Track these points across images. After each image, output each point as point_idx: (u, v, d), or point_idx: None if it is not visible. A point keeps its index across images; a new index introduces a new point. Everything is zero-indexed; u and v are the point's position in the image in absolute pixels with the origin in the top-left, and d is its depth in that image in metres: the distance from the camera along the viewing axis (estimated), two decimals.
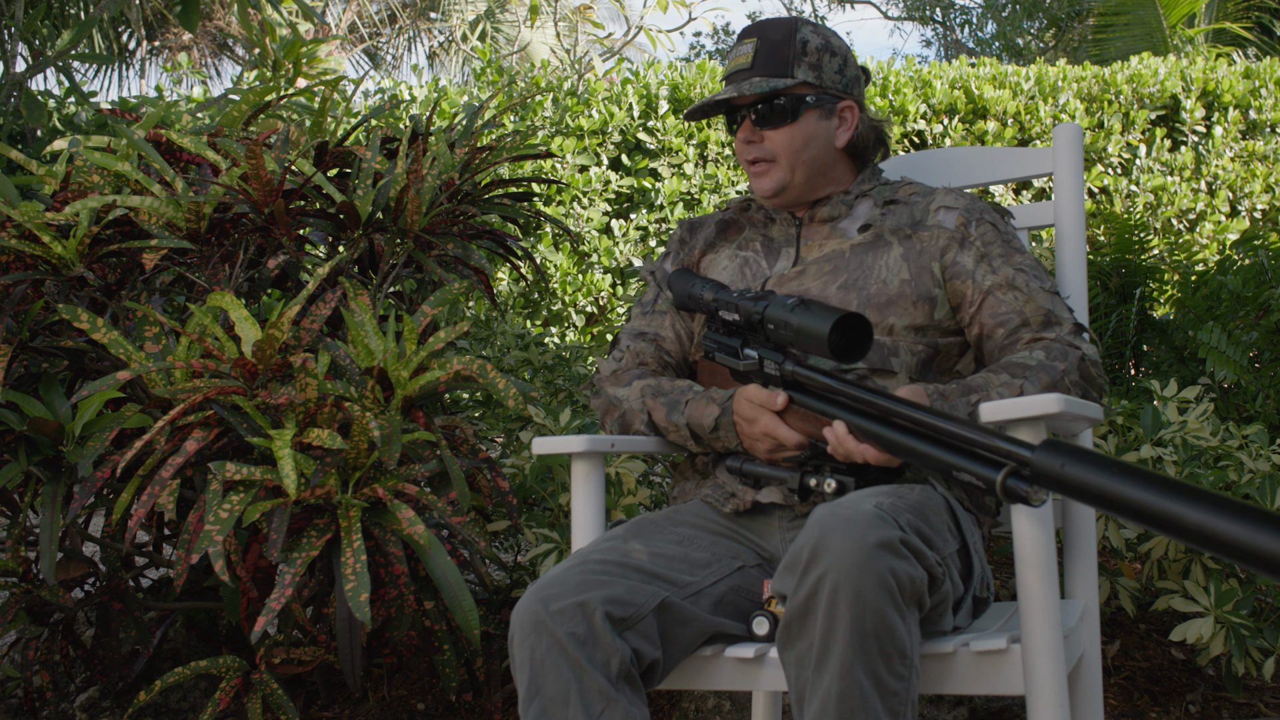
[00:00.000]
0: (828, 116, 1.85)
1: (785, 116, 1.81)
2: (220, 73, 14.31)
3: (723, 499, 1.78)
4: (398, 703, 2.58)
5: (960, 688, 1.49)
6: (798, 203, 1.89)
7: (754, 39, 1.83)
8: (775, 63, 1.81)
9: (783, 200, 1.88)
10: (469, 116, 2.86)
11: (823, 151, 1.85)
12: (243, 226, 2.42)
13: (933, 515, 1.55)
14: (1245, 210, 6.49)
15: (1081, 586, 1.80)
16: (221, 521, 1.92)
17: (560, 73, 7.87)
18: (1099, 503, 1.10)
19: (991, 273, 1.75)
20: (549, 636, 1.48)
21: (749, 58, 1.82)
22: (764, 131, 1.83)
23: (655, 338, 1.92)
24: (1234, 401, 2.82)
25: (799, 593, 1.40)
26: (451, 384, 2.22)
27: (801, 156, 1.83)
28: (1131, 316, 3.10)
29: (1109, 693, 2.39)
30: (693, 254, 1.95)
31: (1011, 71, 6.78)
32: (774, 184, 1.85)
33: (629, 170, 5.93)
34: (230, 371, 2.10)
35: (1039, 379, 1.62)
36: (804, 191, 1.87)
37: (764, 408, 1.65)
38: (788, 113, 1.81)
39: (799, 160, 1.83)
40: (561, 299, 5.37)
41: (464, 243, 2.62)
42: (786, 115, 1.81)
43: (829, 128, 1.85)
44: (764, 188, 1.85)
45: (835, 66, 1.84)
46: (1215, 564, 2.23)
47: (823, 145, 1.85)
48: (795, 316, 1.55)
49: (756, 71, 1.81)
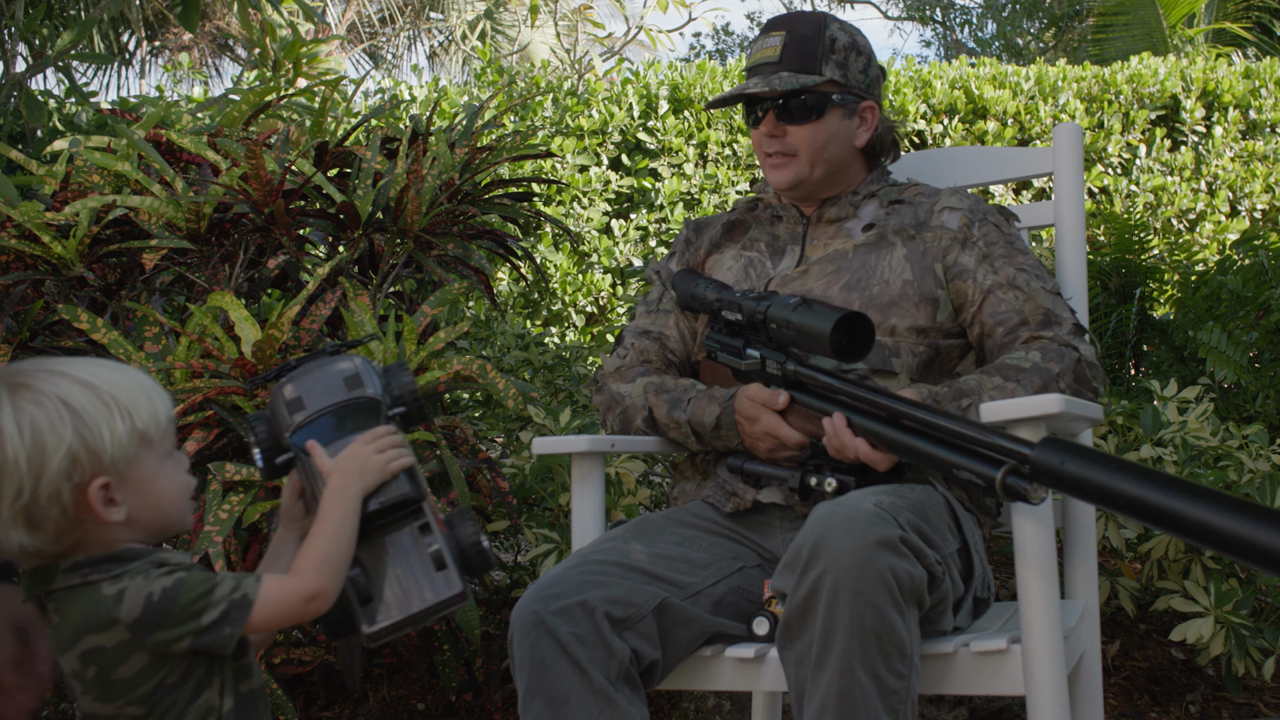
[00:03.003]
0: (850, 116, 1.84)
1: (810, 113, 1.80)
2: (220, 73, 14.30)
3: (724, 498, 1.78)
4: (398, 703, 2.58)
5: (960, 688, 1.49)
6: (810, 198, 1.89)
7: (782, 32, 1.81)
8: (804, 58, 1.80)
9: (796, 194, 1.88)
10: (469, 116, 2.86)
11: (843, 150, 1.85)
12: (243, 226, 2.43)
13: (933, 514, 1.55)
14: (1245, 210, 6.48)
15: (1081, 586, 1.80)
16: (221, 522, 1.92)
17: (560, 73, 7.87)
18: (1099, 499, 1.10)
19: (993, 272, 1.75)
20: (549, 636, 1.47)
21: (777, 51, 1.81)
22: (787, 127, 1.82)
23: (659, 336, 1.92)
24: (1234, 401, 2.82)
25: (799, 591, 1.40)
26: (451, 384, 2.22)
27: (823, 154, 1.83)
28: (1131, 316, 3.10)
29: (1109, 693, 2.39)
30: (698, 254, 1.95)
31: (1011, 71, 6.78)
32: (792, 177, 1.84)
33: (629, 170, 5.93)
34: (230, 372, 2.10)
35: (1031, 381, 1.61)
36: (819, 188, 1.87)
37: (766, 407, 1.65)
38: (813, 110, 1.80)
39: (819, 157, 1.83)
40: (561, 299, 5.37)
41: (464, 243, 2.62)
42: (812, 112, 1.80)
43: (850, 127, 1.85)
44: (781, 180, 1.85)
45: (860, 66, 1.84)
46: (1215, 564, 2.23)
47: (843, 144, 1.85)
48: (798, 316, 1.55)
49: (785, 66, 1.80)
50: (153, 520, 1.15)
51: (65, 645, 1.11)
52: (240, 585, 1.11)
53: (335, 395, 1.22)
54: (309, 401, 1.22)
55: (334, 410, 1.22)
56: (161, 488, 1.15)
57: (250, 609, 1.11)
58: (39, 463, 1.07)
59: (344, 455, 1.18)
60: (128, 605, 1.08)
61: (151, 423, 1.13)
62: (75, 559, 1.11)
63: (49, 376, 1.11)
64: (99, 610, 1.08)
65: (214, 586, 1.10)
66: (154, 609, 1.08)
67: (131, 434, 1.11)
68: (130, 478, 1.12)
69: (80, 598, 1.10)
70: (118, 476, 1.11)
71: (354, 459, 1.18)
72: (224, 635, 1.10)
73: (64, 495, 1.09)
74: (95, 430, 1.09)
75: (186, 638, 1.09)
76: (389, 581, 1.17)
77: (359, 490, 1.17)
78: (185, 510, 1.18)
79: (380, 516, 1.18)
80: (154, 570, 1.10)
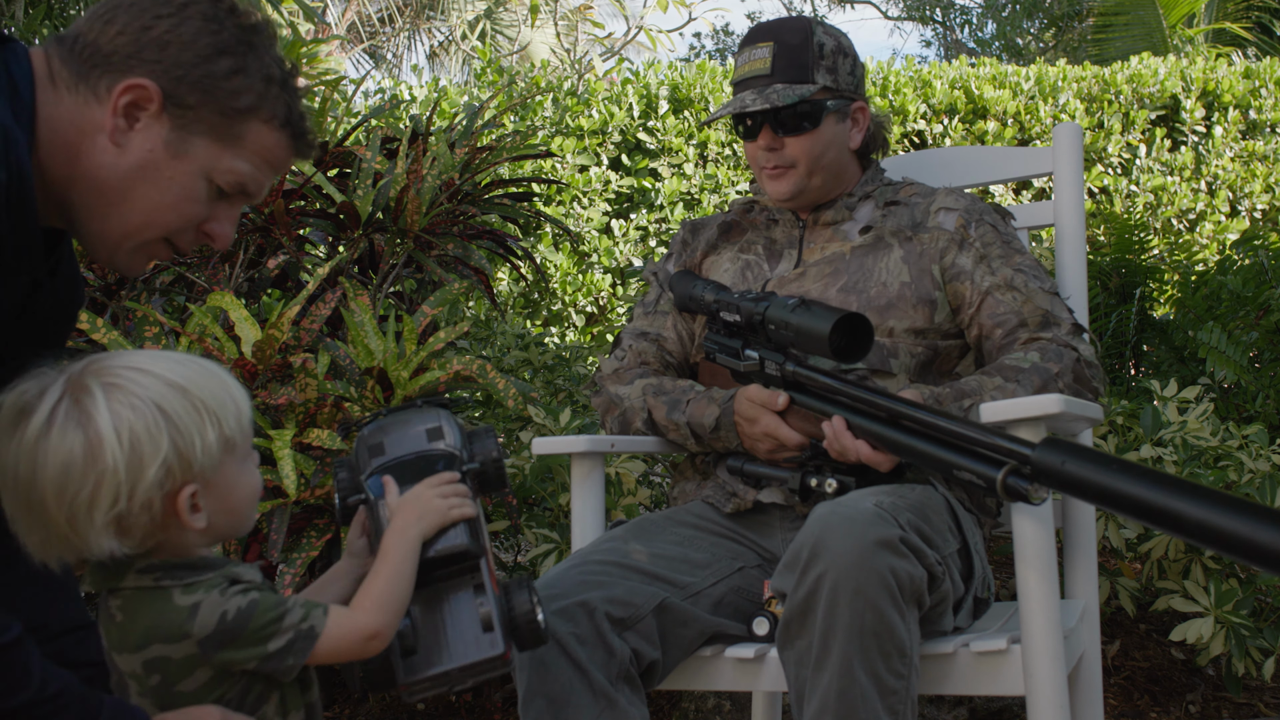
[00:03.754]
0: (843, 120, 1.84)
1: (807, 123, 1.79)
2: None
3: (724, 499, 1.78)
4: (398, 703, 2.58)
5: (960, 688, 1.49)
6: (809, 204, 1.88)
7: (770, 43, 1.79)
8: (796, 68, 1.78)
9: (796, 203, 1.87)
10: (469, 116, 2.87)
11: (839, 154, 1.84)
12: (243, 226, 2.43)
13: (933, 515, 1.55)
14: (1245, 210, 6.49)
15: (1081, 586, 1.80)
16: None
17: (560, 73, 7.87)
18: (1100, 499, 1.10)
19: (990, 274, 1.75)
20: (549, 636, 1.47)
21: (767, 63, 1.78)
22: (785, 138, 1.80)
23: (657, 338, 1.92)
24: (1234, 401, 2.82)
25: (799, 591, 1.40)
26: (451, 384, 2.22)
27: (821, 162, 1.81)
28: (1131, 316, 3.10)
29: (1109, 693, 2.39)
30: (694, 255, 1.95)
31: (1011, 71, 6.78)
32: (792, 188, 1.82)
33: (629, 170, 5.93)
34: (230, 371, 2.10)
35: (1031, 381, 1.61)
36: (818, 194, 1.86)
37: (765, 408, 1.65)
38: (809, 119, 1.79)
39: (818, 165, 1.82)
40: (561, 299, 5.37)
41: (464, 243, 2.62)
42: (808, 121, 1.79)
43: (844, 130, 1.84)
44: (781, 191, 1.83)
45: (848, 68, 1.83)
46: (1215, 564, 2.23)
47: (840, 148, 1.84)
48: (796, 317, 1.55)
49: (777, 78, 1.78)
50: (226, 524, 1.14)
51: (129, 646, 1.09)
52: (309, 616, 1.10)
53: (415, 444, 1.24)
54: (389, 447, 1.24)
55: (411, 459, 1.23)
56: (240, 493, 1.14)
57: (315, 641, 1.10)
58: (136, 472, 1.06)
59: (408, 496, 1.18)
60: (201, 620, 1.07)
61: (237, 428, 1.13)
62: (150, 561, 1.10)
63: (139, 376, 1.09)
64: (171, 620, 1.07)
65: (285, 613, 1.09)
66: (227, 628, 1.07)
67: (220, 441, 1.11)
68: (214, 483, 1.11)
69: (152, 602, 1.08)
70: (204, 483, 1.10)
71: (416, 500, 1.18)
72: (286, 664, 1.10)
73: (155, 504, 1.08)
74: (188, 439, 1.08)
75: (253, 660, 1.09)
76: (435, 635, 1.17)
77: (418, 533, 1.16)
78: (254, 513, 1.18)
79: (437, 566, 1.18)
80: (229, 586, 1.09)
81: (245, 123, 1.21)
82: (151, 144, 1.17)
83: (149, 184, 1.18)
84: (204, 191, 1.21)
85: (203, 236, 1.25)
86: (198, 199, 1.21)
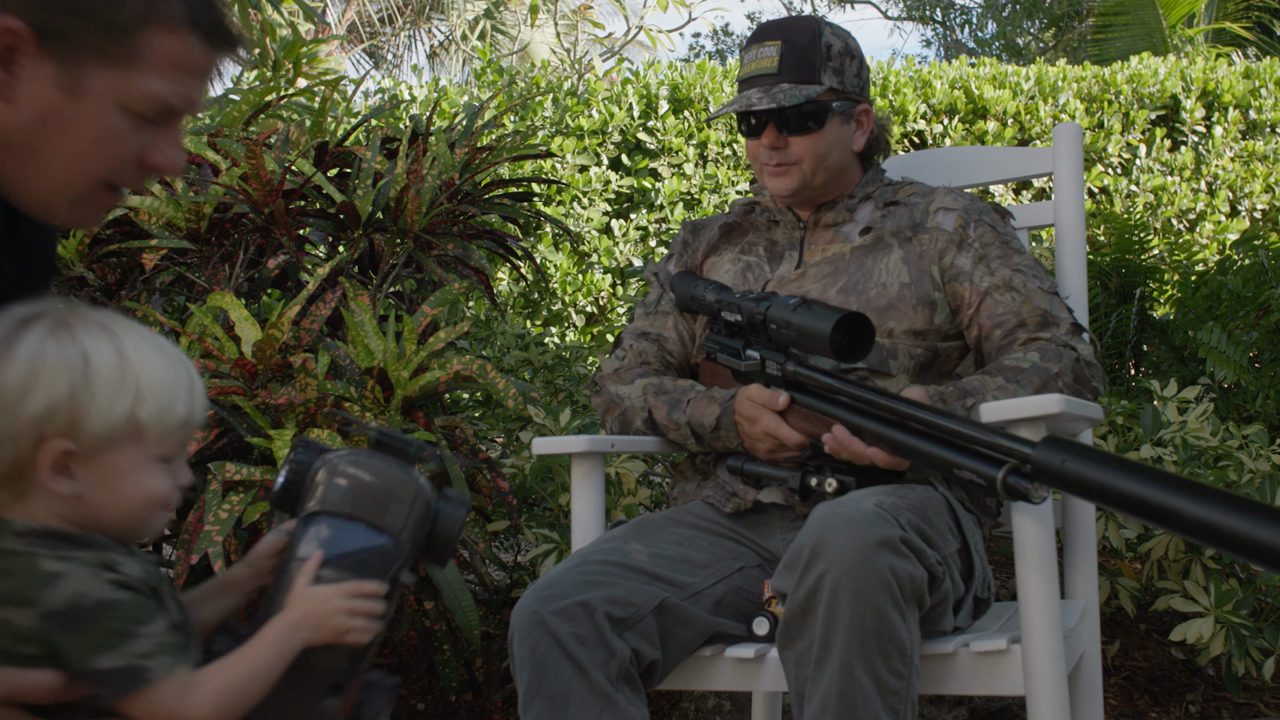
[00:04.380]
0: (848, 121, 1.84)
1: (812, 123, 1.79)
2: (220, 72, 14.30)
3: (724, 499, 1.78)
4: (397, 703, 2.58)
5: (960, 688, 1.49)
6: (810, 203, 1.88)
7: (778, 41, 1.79)
8: (803, 68, 1.78)
9: (797, 200, 1.87)
10: (469, 116, 2.87)
11: (843, 155, 1.85)
12: (243, 226, 2.43)
13: (933, 514, 1.55)
14: (1245, 210, 6.49)
15: (1081, 586, 1.80)
16: (221, 522, 1.92)
17: (560, 73, 7.88)
18: (1100, 498, 1.10)
19: (989, 274, 1.75)
20: (549, 636, 1.48)
21: (774, 61, 1.78)
22: (789, 137, 1.80)
23: (658, 338, 1.92)
24: (1234, 401, 2.82)
25: (799, 591, 1.40)
26: (451, 384, 2.22)
27: (824, 162, 1.82)
28: (1131, 316, 3.10)
29: (1109, 693, 2.39)
30: (695, 256, 1.95)
31: (1011, 71, 6.78)
32: (794, 185, 1.82)
33: (629, 170, 5.93)
34: (230, 371, 2.10)
35: (1031, 381, 1.61)
36: (820, 193, 1.86)
37: (765, 407, 1.65)
38: (815, 119, 1.79)
39: (821, 165, 1.82)
40: (561, 299, 5.37)
41: (464, 243, 2.62)
42: (813, 121, 1.79)
43: (848, 132, 1.84)
44: (783, 188, 1.83)
45: (854, 70, 1.83)
46: (1215, 563, 2.23)
47: (843, 149, 1.84)
48: (797, 316, 1.55)
49: (784, 77, 1.78)
50: (108, 515, 1.04)
51: None
52: (154, 656, 0.98)
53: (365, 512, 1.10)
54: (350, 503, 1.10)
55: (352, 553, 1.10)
56: (130, 488, 1.04)
57: (139, 688, 0.97)
58: (21, 397, 1.00)
59: (317, 595, 1.07)
60: (57, 592, 0.97)
61: (155, 420, 1.04)
62: (30, 526, 1.01)
63: (98, 330, 1.04)
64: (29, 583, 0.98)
65: (136, 635, 0.97)
66: (76, 612, 0.97)
67: (127, 419, 1.02)
68: (100, 460, 1.03)
69: (16, 562, 0.99)
70: (86, 452, 1.02)
71: (321, 606, 1.06)
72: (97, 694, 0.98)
73: (23, 443, 1.00)
74: (91, 396, 1.01)
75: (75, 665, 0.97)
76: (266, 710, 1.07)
77: (304, 639, 1.05)
78: (150, 520, 1.08)
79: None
80: (103, 572, 0.99)
81: (139, 36, 1.04)
82: (43, 89, 1.02)
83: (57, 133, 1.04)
84: (123, 124, 1.06)
85: (148, 170, 1.11)
86: (119, 135, 1.06)
